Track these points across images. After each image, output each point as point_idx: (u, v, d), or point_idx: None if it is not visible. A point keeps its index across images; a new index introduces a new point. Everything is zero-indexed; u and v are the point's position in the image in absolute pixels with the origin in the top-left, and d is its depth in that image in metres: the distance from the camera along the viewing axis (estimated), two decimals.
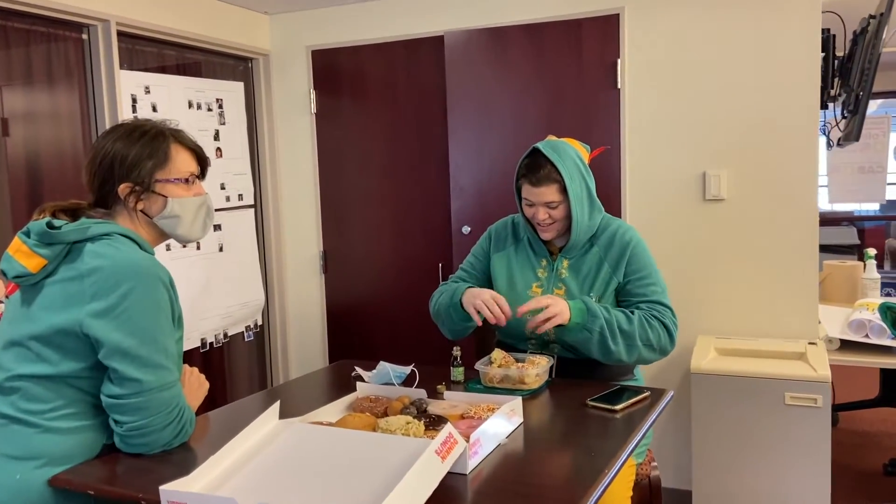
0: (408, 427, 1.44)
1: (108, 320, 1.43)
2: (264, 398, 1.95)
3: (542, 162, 2.02)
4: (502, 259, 2.22)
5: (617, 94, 3.10)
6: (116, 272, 1.46)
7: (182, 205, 1.63)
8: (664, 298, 2.05)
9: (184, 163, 1.64)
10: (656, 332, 1.98)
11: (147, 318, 1.46)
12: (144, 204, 1.61)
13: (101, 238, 1.52)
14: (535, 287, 2.12)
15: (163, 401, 1.47)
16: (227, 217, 3.49)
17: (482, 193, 3.35)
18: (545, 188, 2.00)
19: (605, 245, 2.09)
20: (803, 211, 2.89)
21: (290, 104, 3.74)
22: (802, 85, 2.85)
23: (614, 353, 1.94)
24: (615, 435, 1.54)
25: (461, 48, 3.32)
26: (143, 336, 1.45)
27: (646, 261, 2.07)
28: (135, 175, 1.58)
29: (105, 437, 1.52)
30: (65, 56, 2.85)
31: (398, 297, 3.61)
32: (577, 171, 2.03)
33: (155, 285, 1.48)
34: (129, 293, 1.45)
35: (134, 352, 1.44)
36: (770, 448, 2.66)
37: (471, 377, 1.98)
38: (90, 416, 1.50)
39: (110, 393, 1.46)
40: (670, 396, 1.81)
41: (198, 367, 3.37)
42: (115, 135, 1.62)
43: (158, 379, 1.47)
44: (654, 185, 3.09)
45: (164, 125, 1.67)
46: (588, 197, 2.05)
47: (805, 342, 2.84)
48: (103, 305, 1.44)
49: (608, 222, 2.14)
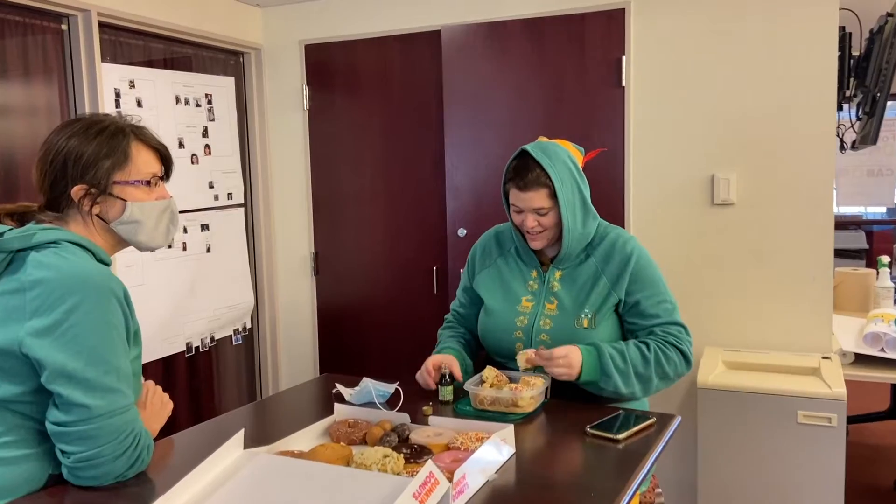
0: (385, 462, 1.30)
1: (50, 339, 1.29)
2: (236, 417, 1.81)
3: (531, 165, 1.87)
4: (490, 274, 2.07)
5: (621, 92, 2.96)
6: (61, 285, 1.32)
7: (143, 209, 1.49)
8: (677, 315, 1.90)
9: (145, 163, 1.50)
10: (673, 363, 1.85)
11: (95, 336, 1.32)
12: (100, 208, 1.47)
13: (47, 246, 1.37)
14: (526, 301, 1.97)
15: (114, 428, 1.33)
16: (215, 216, 3.36)
17: (479, 195, 3.21)
18: (533, 193, 1.86)
19: (602, 256, 1.93)
20: (818, 217, 2.74)
21: (282, 100, 3.62)
22: (818, 84, 2.70)
23: (627, 395, 1.83)
24: (617, 470, 1.40)
25: (459, 43, 3.18)
26: (90, 357, 1.31)
27: (652, 275, 1.91)
28: (90, 176, 1.44)
29: (51, 467, 1.38)
30: (42, 48, 2.72)
31: (391, 300, 3.49)
32: (568, 174, 1.88)
33: (105, 299, 1.34)
34: (75, 308, 1.31)
35: (80, 374, 1.30)
36: (781, 469, 2.51)
37: (461, 396, 1.84)
38: (33, 444, 1.36)
39: (55, 420, 1.32)
40: (677, 423, 1.66)
41: (183, 372, 3.33)
42: (69, 130, 1.47)
43: (109, 404, 1.33)
44: (659, 189, 2.95)
45: (126, 121, 1.53)
46: (581, 203, 1.90)
47: (818, 356, 2.69)
48: (45, 322, 1.30)
49: (605, 230, 1.98)
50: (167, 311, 3.11)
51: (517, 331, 1.95)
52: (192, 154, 3.24)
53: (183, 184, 3.18)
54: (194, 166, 3.25)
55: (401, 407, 1.75)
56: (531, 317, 1.94)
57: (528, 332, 1.94)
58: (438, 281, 3.37)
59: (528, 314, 1.95)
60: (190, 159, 3.23)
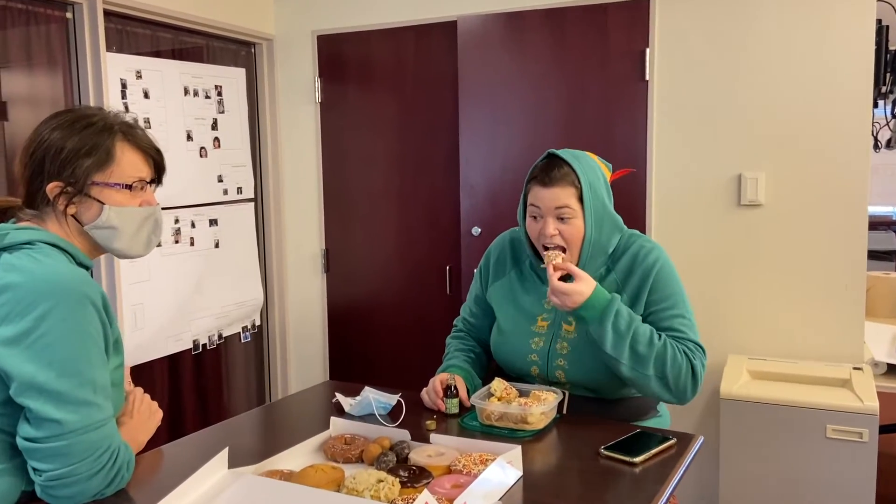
0: (378, 487, 1.20)
1: (20, 349, 1.20)
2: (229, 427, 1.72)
3: (560, 163, 1.73)
4: (503, 287, 1.91)
5: (645, 86, 2.83)
6: (33, 290, 1.22)
7: (121, 215, 1.39)
8: (694, 335, 1.74)
9: (131, 165, 1.39)
10: (678, 370, 1.66)
11: (68, 345, 1.22)
12: (76, 208, 1.37)
13: (20, 247, 1.28)
14: (541, 321, 1.82)
15: (89, 444, 1.24)
16: (224, 211, 3.29)
17: (494, 193, 3.10)
18: (559, 190, 1.70)
19: (624, 271, 1.78)
20: (851, 219, 2.60)
21: (294, 92, 3.53)
22: (853, 79, 2.56)
23: (610, 355, 1.66)
24: (633, 497, 1.28)
25: (475, 34, 3.07)
26: (62, 368, 1.22)
27: (672, 287, 1.76)
28: (67, 173, 1.34)
29: (24, 483, 1.29)
30: (46, 37, 2.65)
31: (403, 299, 3.39)
32: (597, 181, 1.74)
33: (80, 306, 1.25)
34: (47, 315, 1.21)
35: (51, 387, 1.21)
36: (807, 486, 2.38)
37: (469, 409, 1.73)
38: (5, 459, 1.27)
39: (26, 435, 1.23)
40: (700, 444, 1.55)
41: (189, 370, 3.26)
42: (56, 121, 1.38)
43: (83, 419, 1.23)
44: (683, 188, 2.82)
45: (118, 118, 1.42)
46: (608, 215, 1.75)
47: (850, 367, 2.55)
48: (14, 331, 1.20)
49: (628, 242, 1.81)
50: (174, 307, 3.04)
51: (532, 354, 1.81)
52: (200, 147, 3.16)
53: (191, 177, 3.11)
54: (203, 160, 3.17)
55: (403, 420, 1.65)
56: (547, 339, 1.80)
57: (545, 357, 1.80)
58: (451, 280, 3.27)
59: (545, 335, 1.81)
60: (199, 152, 3.15)
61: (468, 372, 1.87)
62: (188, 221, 3.11)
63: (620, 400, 1.79)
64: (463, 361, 1.91)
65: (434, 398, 1.74)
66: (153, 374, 3.02)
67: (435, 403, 1.73)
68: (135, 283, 2.86)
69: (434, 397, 1.74)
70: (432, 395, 1.74)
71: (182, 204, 3.07)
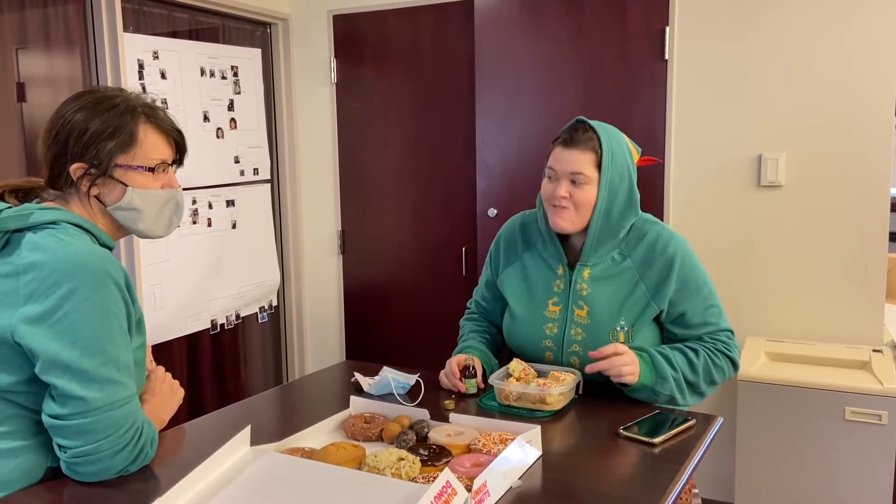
0: (399, 465, 1.21)
1: (44, 328, 1.21)
2: (250, 406, 1.73)
3: (587, 128, 1.72)
4: (515, 272, 1.89)
5: (664, 66, 2.80)
6: (57, 269, 1.23)
7: (143, 197, 1.39)
8: (724, 321, 1.75)
9: (154, 148, 1.39)
10: (721, 370, 1.71)
11: (92, 324, 1.23)
12: (99, 190, 1.37)
13: (44, 227, 1.29)
14: (552, 305, 1.79)
15: (113, 421, 1.25)
16: (241, 192, 3.30)
17: (510, 173, 3.09)
18: (578, 153, 1.68)
19: (641, 260, 1.75)
20: (872, 201, 2.57)
21: (310, 73, 3.52)
22: (877, 59, 2.52)
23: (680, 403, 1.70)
24: (652, 478, 1.28)
25: (492, 13, 3.04)
26: (86, 346, 1.23)
27: (698, 280, 1.73)
28: (91, 155, 1.34)
29: (49, 460, 1.31)
30: (64, 17, 2.65)
31: (419, 280, 3.40)
32: (622, 155, 1.72)
33: (103, 285, 1.25)
34: (71, 295, 1.22)
35: (76, 365, 1.22)
36: (825, 468, 2.38)
37: (487, 390, 1.73)
38: (30, 435, 1.29)
39: (51, 412, 1.24)
40: (719, 424, 1.54)
41: (208, 350, 3.28)
42: (79, 102, 1.37)
43: (107, 396, 1.24)
44: (702, 169, 2.79)
45: (141, 100, 1.42)
46: (627, 191, 1.73)
47: (869, 349, 2.53)
48: (39, 310, 1.22)
49: (643, 227, 1.77)
50: (192, 287, 3.06)
51: (546, 339, 1.79)
52: (217, 128, 3.16)
53: (208, 159, 3.12)
54: (220, 140, 3.18)
55: (421, 400, 1.66)
56: (560, 324, 1.78)
57: (559, 342, 1.78)
58: (468, 262, 3.26)
59: (557, 320, 1.79)
60: (215, 133, 3.15)
61: (484, 353, 1.87)
62: (205, 202, 3.12)
63: None
64: (479, 343, 1.91)
65: (453, 380, 1.74)
66: (172, 353, 3.04)
67: (454, 385, 1.73)
68: (154, 263, 2.87)
69: (453, 379, 1.74)
70: (451, 377, 1.74)
71: (199, 185, 3.08)
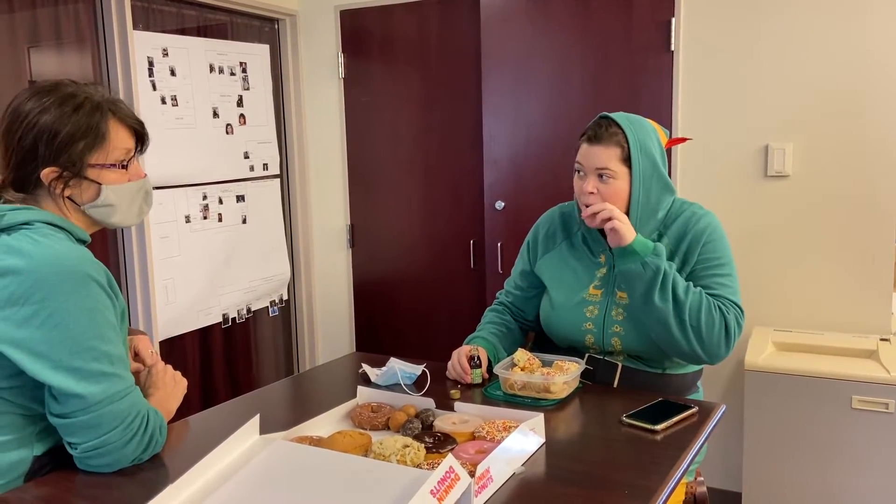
0: (404, 452, 1.23)
1: (30, 331, 1.22)
2: (259, 397, 1.76)
3: (611, 124, 1.73)
4: (554, 259, 1.90)
5: (670, 57, 2.80)
6: (35, 273, 1.23)
7: (118, 192, 1.39)
8: (734, 296, 1.73)
9: (122, 141, 1.39)
10: (711, 326, 1.65)
11: (76, 323, 1.24)
12: (73, 191, 1.36)
13: (18, 228, 1.28)
14: (593, 289, 1.81)
15: (116, 413, 1.27)
16: (251, 188, 3.33)
17: (518, 167, 3.10)
18: (603, 149, 1.70)
19: (676, 236, 1.77)
20: (880, 190, 2.57)
21: (318, 68, 3.54)
22: (885, 49, 2.51)
23: (656, 307, 1.65)
24: (655, 464, 1.30)
25: (498, 7, 3.05)
26: (73, 345, 1.24)
27: (721, 250, 1.75)
28: (64, 158, 1.32)
29: (35, 450, 1.33)
30: (74, 15, 2.68)
31: (427, 273, 3.42)
32: (649, 143, 1.72)
33: (83, 285, 1.26)
34: (50, 298, 1.22)
35: (66, 364, 1.23)
36: (832, 457, 2.38)
37: (493, 379, 1.76)
38: (15, 430, 1.31)
39: (55, 412, 1.26)
40: (722, 412, 1.56)
41: (219, 344, 3.32)
42: (41, 101, 1.32)
43: (105, 390, 1.26)
44: (709, 159, 2.80)
45: (100, 94, 1.40)
46: (658, 178, 1.74)
47: (876, 338, 2.54)
48: (21, 314, 1.22)
49: (681, 208, 1.81)
50: (203, 282, 3.10)
51: (587, 322, 1.80)
52: (226, 124, 3.19)
53: (218, 154, 3.15)
54: (229, 136, 3.21)
55: (427, 389, 1.68)
56: (602, 307, 1.79)
57: (600, 325, 1.79)
58: (475, 254, 3.28)
59: (599, 304, 1.80)
60: (225, 129, 3.18)
61: (492, 344, 1.89)
62: (216, 198, 3.15)
63: (665, 376, 1.79)
64: (490, 334, 1.92)
65: (459, 371, 1.76)
66: (185, 347, 3.09)
67: (461, 377, 1.76)
68: (165, 258, 2.91)
69: (459, 370, 1.76)
70: (458, 369, 1.77)
71: (209, 181, 3.11)
